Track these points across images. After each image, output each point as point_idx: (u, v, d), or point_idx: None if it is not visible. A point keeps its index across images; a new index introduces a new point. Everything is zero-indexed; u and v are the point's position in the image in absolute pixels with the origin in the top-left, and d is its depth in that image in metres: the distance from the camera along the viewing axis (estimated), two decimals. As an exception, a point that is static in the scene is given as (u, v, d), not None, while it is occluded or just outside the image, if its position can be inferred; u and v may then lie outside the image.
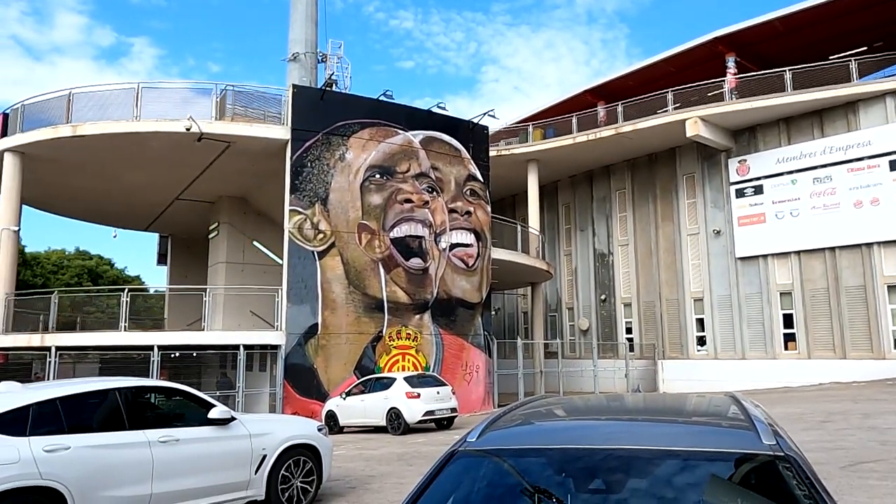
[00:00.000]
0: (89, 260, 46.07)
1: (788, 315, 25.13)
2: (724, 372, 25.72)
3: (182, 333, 18.98)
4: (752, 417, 2.46)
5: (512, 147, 30.14)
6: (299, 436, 7.46)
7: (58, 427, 5.68)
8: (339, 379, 18.39)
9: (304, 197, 18.90)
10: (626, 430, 2.68)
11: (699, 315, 27.75)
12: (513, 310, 36.16)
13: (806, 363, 24.18)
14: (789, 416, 13.22)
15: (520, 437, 2.62)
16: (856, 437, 10.54)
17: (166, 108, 18.36)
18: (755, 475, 2.18)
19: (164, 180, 21.73)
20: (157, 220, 26.87)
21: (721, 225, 27.10)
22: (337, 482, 8.78)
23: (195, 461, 6.40)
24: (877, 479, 7.45)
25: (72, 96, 18.63)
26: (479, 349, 21.48)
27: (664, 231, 29.16)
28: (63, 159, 19.51)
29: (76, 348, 18.02)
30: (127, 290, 18.46)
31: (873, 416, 13.00)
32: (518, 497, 2.30)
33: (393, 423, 15.34)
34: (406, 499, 2.30)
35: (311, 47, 23.09)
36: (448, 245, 21.06)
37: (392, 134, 20.46)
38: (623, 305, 30.69)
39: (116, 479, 5.81)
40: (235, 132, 18.41)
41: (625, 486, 2.24)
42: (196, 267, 26.93)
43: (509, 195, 35.12)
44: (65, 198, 23.84)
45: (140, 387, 6.69)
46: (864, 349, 23.08)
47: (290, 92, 19.44)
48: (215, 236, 23.90)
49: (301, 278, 18.61)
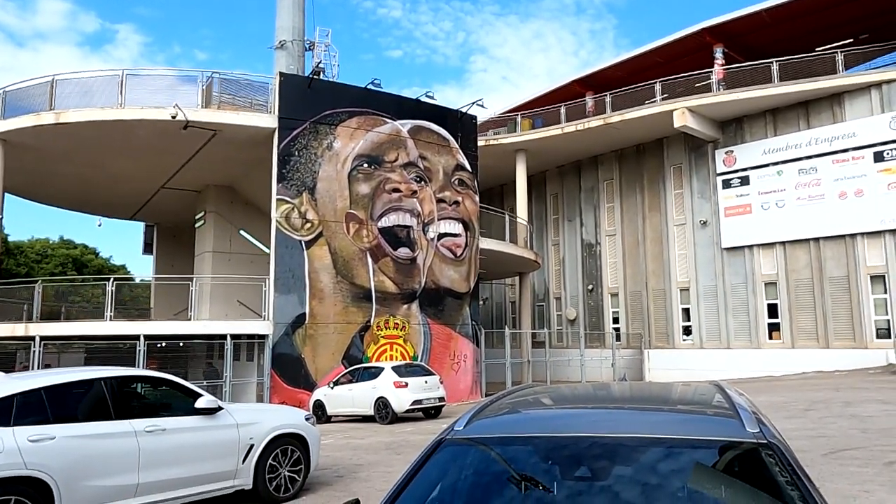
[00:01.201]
0: (74, 249, 45.57)
1: (773, 305, 25.39)
2: (709, 361, 25.97)
3: (169, 323, 18.89)
4: (736, 406, 2.49)
5: (500, 137, 30.10)
6: (287, 425, 7.46)
7: (43, 417, 5.65)
8: (327, 368, 18.38)
9: (292, 186, 18.79)
10: (611, 418, 2.71)
11: (685, 305, 27.97)
12: (501, 299, 36.25)
13: (790, 352, 24.46)
14: (773, 405, 13.38)
15: (507, 425, 2.63)
16: (837, 424, 10.69)
17: (152, 96, 18.14)
18: (739, 462, 2.21)
19: (149, 169, 21.52)
20: (142, 208, 26.63)
21: (707, 215, 27.27)
22: (325, 471, 8.80)
23: (182, 451, 6.39)
24: (857, 465, 7.57)
25: (55, 83, 18.37)
26: (466, 339, 21.54)
27: (651, 221, 29.30)
28: (46, 147, 19.27)
29: (61, 338, 17.88)
30: (112, 279, 18.33)
31: (854, 404, 13.19)
32: (505, 485, 2.32)
33: (381, 412, 15.37)
34: (393, 487, 2.31)
35: (299, 35, 22.89)
36: (436, 235, 21.04)
37: (380, 123, 20.37)
38: (610, 295, 30.85)
39: (102, 468, 5.78)
40: (222, 120, 18.24)
41: (610, 474, 2.26)
42: (182, 256, 26.74)
43: (497, 185, 35.12)
44: (48, 186, 23.55)
45: (126, 376, 6.66)
46: (846, 339, 23.38)
47: (278, 80, 19.29)
48: (202, 225, 23.73)
49: (288, 268, 18.55)
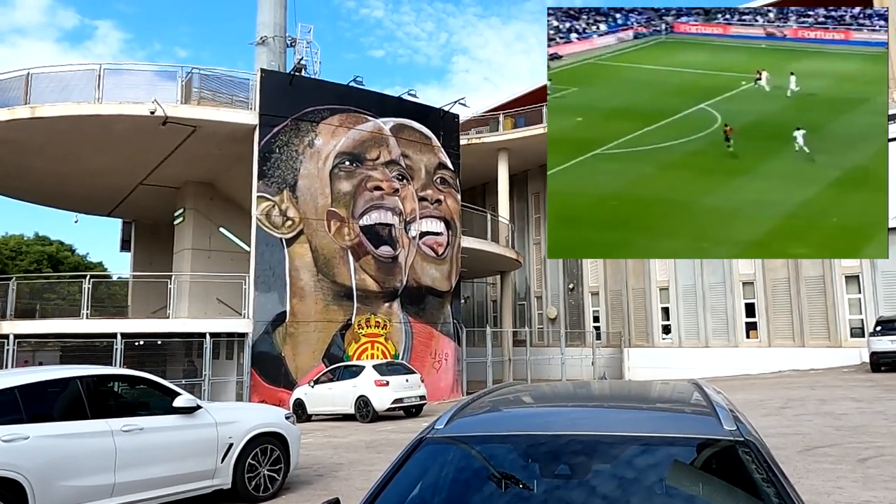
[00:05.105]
0: (49, 246, 44.86)
1: (750, 304, 25.72)
2: (688, 360, 26.25)
3: (146, 321, 18.67)
4: (713, 404, 2.51)
5: (482, 136, 30.15)
6: (266, 424, 7.41)
7: (16, 416, 5.55)
8: (308, 367, 18.29)
9: (273, 183, 18.66)
10: (591, 416, 2.72)
11: (664, 304, 28.24)
12: (482, 298, 36.33)
13: (766, 351, 24.81)
14: (750, 403, 13.57)
15: (487, 424, 2.64)
16: (812, 422, 10.87)
17: (130, 92, 17.90)
18: (716, 460, 2.23)
19: (127, 164, 21.22)
20: (120, 205, 26.26)
21: (687, 215, 27.52)
22: (305, 470, 8.76)
23: (159, 450, 6.32)
24: (831, 462, 7.70)
25: (30, 77, 18.04)
26: (448, 337, 21.55)
27: (632, 221, 29.50)
28: (21, 141, 18.92)
29: (36, 336, 17.61)
30: (89, 276, 18.06)
31: (829, 402, 13.41)
32: (485, 483, 2.32)
33: (361, 410, 15.33)
34: (374, 485, 2.30)
35: (280, 31, 22.71)
36: (418, 233, 21.02)
37: (362, 120, 20.29)
38: (591, 294, 31.05)
39: (78, 468, 5.70)
40: (202, 116, 18.05)
41: (590, 471, 2.27)
42: (161, 253, 26.42)
43: (479, 184, 35.16)
44: (24, 181, 23.12)
45: (102, 375, 6.56)
46: (821, 338, 23.76)
47: (259, 76, 19.13)
48: (181, 222, 23.46)
49: (269, 266, 18.42)
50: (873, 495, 6.21)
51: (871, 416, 11.23)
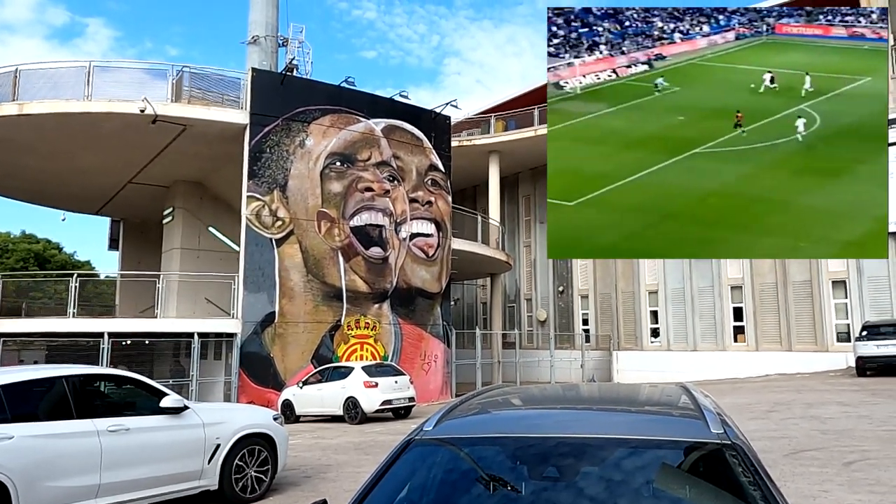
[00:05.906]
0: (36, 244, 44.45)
1: (739, 308, 25.87)
2: (676, 363, 26.37)
3: (134, 320, 18.54)
4: (701, 407, 2.52)
5: (474, 138, 30.16)
6: (254, 425, 7.38)
7: (1, 416, 5.50)
8: (296, 368, 18.22)
9: (263, 183, 18.59)
10: (579, 419, 2.73)
11: (653, 307, 28.35)
12: (472, 300, 36.33)
13: (754, 355, 24.96)
14: (737, 406, 13.64)
15: (475, 426, 2.64)
16: (799, 426, 10.94)
17: (120, 90, 17.78)
18: (703, 463, 2.24)
19: (116, 163, 21.08)
20: (108, 203, 26.07)
21: (676, 219, 27.65)
22: (293, 471, 8.72)
23: (146, 450, 6.27)
24: (817, 466, 7.75)
25: (18, 73, 17.89)
26: (437, 339, 21.54)
27: (621, 224, 29.60)
28: (9, 138, 18.74)
29: (21, 335, 17.44)
30: (76, 275, 17.91)
31: (815, 406, 13.51)
32: (473, 484, 2.32)
33: (350, 412, 15.29)
34: (362, 487, 2.29)
35: (272, 31, 22.64)
36: (408, 235, 21.01)
37: (353, 121, 20.26)
38: (580, 297, 31.13)
39: (63, 469, 5.65)
40: (192, 115, 17.96)
41: (577, 473, 2.28)
42: (149, 253, 26.25)
43: (470, 186, 35.18)
44: (10, 178, 22.91)
45: (89, 375, 6.51)
46: (808, 342, 23.93)
47: (250, 75, 19.06)
48: (170, 221, 23.32)
49: (258, 266, 18.34)
50: (858, 499, 6.26)
51: (856, 419, 11.31)
